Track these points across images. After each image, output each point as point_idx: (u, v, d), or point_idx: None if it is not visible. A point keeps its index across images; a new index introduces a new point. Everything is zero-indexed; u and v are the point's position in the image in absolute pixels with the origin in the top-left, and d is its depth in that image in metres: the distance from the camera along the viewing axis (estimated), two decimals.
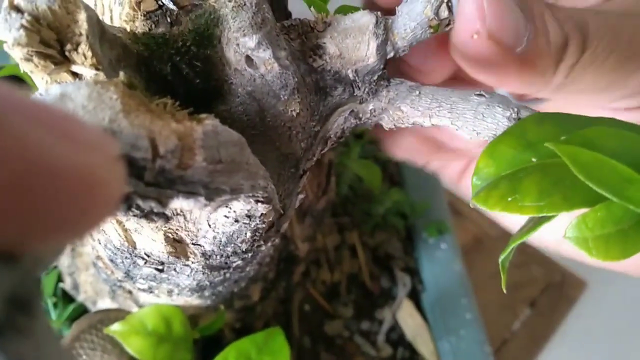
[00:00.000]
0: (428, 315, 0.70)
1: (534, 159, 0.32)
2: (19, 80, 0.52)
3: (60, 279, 0.59)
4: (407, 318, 0.69)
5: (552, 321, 1.04)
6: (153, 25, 0.35)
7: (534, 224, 0.33)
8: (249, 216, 0.31)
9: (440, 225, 0.75)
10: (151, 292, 0.42)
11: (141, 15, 0.35)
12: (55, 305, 0.58)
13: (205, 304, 0.48)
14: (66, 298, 0.59)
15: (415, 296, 0.72)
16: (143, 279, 0.40)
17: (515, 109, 0.34)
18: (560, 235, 0.29)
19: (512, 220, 0.55)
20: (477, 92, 0.36)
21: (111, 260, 0.39)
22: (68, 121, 0.14)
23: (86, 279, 0.56)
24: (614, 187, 0.27)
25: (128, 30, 0.34)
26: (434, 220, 0.76)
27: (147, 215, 0.28)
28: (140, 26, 0.35)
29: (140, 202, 0.24)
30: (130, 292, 0.48)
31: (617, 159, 0.28)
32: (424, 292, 0.72)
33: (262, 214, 0.31)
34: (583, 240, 0.28)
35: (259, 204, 0.30)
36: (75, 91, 0.23)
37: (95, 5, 0.38)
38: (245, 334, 0.49)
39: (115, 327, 0.46)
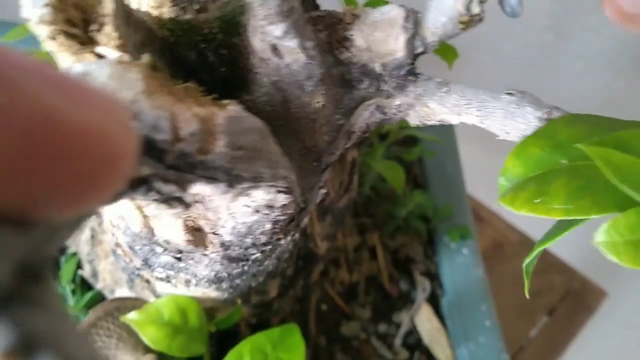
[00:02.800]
0: (446, 321, 0.69)
1: (563, 161, 0.31)
2: None
3: (79, 266, 0.59)
4: (425, 322, 0.68)
5: (570, 330, 1.02)
6: (180, 12, 0.35)
7: (561, 228, 0.32)
8: (269, 206, 0.30)
9: (462, 230, 0.74)
10: (169, 281, 0.42)
11: (169, 2, 0.35)
12: (73, 292, 0.58)
13: (222, 297, 0.47)
14: (84, 285, 0.59)
15: (434, 301, 0.71)
16: (161, 267, 0.40)
17: (547, 110, 0.33)
18: None
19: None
20: (508, 91, 0.35)
21: (130, 247, 0.39)
22: (84, 87, 0.14)
23: (105, 267, 0.56)
24: None
25: (155, 15, 0.34)
26: (457, 225, 0.75)
27: (167, 200, 0.28)
28: (167, 12, 0.35)
29: (160, 185, 0.24)
30: (148, 281, 0.48)
31: None
32: (444, 297, 0.71)
33: (282, 204, 0.30)
34: (613, 245, 0.27)
35: (280, 194, 0.29)
36: (98, 70, 0.23)
37: None
38: (261, 330, 0.48)
39: (132, 316, 0.46)
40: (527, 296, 0.34)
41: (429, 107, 0.36)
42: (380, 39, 0.35)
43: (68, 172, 0.12)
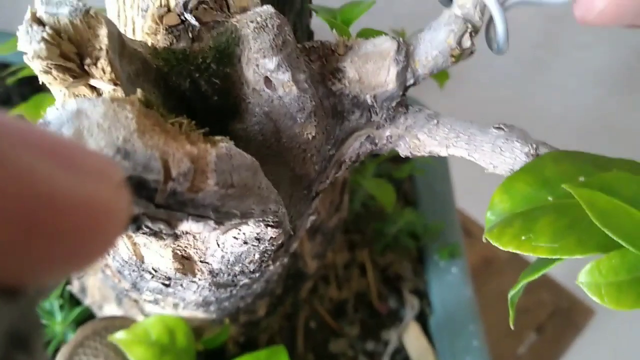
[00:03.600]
0: (434, 339, 0.69)
1: (550, 198, 0.31)
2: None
3: (68, 281, 0.59)
4: (413, 341, 0.69)
5: (557, 347, 1.03)
6: (174, 40, 0.35)
7: (545, 263, 0.33)
8: (258, 239, 0.31)
9: (452, 248, 0.74)
10: (157, 304, 0.42)
11: (163, 29, 0.35)
12: (61, 307, 0.58)
13: (210, 318, 0.47)
14: (73, 301, 0.59)
15: (422, 319, 0.71)
16: (149, 291, 0.40)
17: (534, 145, 0.34)
18: None
19: None
20: (496, 125, 0.35)
21: (119, 272, 0.39)
22: (71, 149, 0.14)
23: (94, 283, 0.56)
24: (630, 235, 0.27)
25: (149, 44, 0.34)
26: (447, 243, 0.75)
27: (156, 234, 0.28)
28: (161, 40, 0.35)
29: (149, 224, 0.24)
30: (136, 301, 0.48)
31: (635, 206, 0.28)
32: (432, 315, 0.71)
33: (271, 237, 0.31)
34: (595, 287, 0.28)
35: (269, 228, 0.30)
36: (92, 108, 0.23)
37: (119, 16, 0.38)
38: (249, 348, 0.48)
39: (119, 336, 0.46)
40: (512, 327, 0.35)
41: (419, 139, 0.36)
42: (372, 70, 0.35)
43: (61, 244, 0.12)
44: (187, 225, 0.25)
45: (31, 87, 0.68)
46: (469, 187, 0.89)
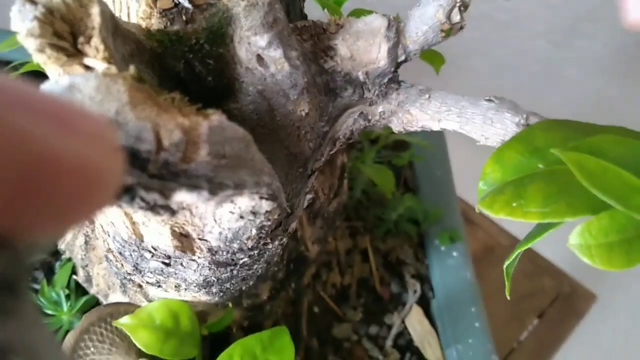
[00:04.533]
0: (437, 322, 0.70)
1: (540, 165, 0.32)
2: (42, 76, 0.53)
3: (73, 271, 0.60)
4: (416, 324, 0.69)
5: (560, 332, 1.03)
6: (168, 23, 0.36)
7: (539, 231, 0.33)
8: (253, 213, 0.31)
9: (452, 233, 0.75)
10: (159, 286, 0.43)
11: (157, 13, 0.35)
12: (68, 297, 0.58)
13: (213, 301, 0.48)
14: (79, 290, 0.60)
15: (424, 303, 0.72)
16: (151, 272, 0.40)
17: (524, 115, 0.34)
18: None
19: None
20: (487, 98, 0.36)
21: (120, 253, 0.40)
22: (68, 111, 0.14)
23: (99, 272, 0.56)
24: (618, 195, 0.27)
25: (143, 26, 0.35)
26: (447, 228, 0.76)
27: (153, 208, 0.28)
28: (155, 23, 0.36)
29: (143, 194, 0.25)
30: (140, 286, 0.48)
31: (623, 167, 0.28)
32: (434, 299, 0.72)
33: (266, 211, 0.31)
34: (586, 248, 0.28)
35: (264, 200, 0.30)
36: (84, 82, 0.24)
37: (113, 1, 0.38)
38: (253, 333, 0.49)
39: (124, 320, 0.46)
40: (508, 297, 0.35)
41: (411, 114, 0.37)
42: (363, 47, 0.36)
43: (54, 203, 0.13)
44: (181, 196, 0.25)
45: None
46: (469, 175, 0.89)
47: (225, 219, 0.32)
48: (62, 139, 0.13)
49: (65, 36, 0.28)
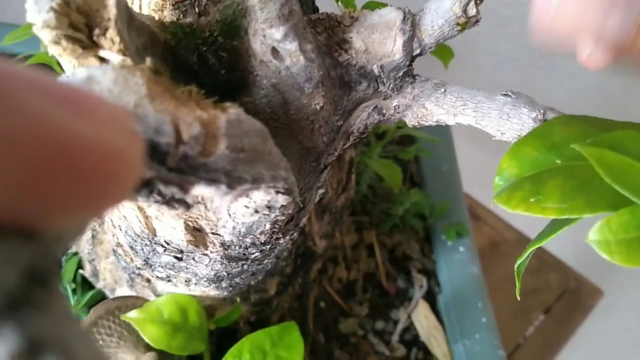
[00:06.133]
0: (443, 318, 0.70)
1: (558, 161, 0.32)
2: (47, 69, 0.52)
3: (80, 265, 0.60)
4: (422, 319, 0.69)
5: (566, 328, 1.03)
6: (181, 15, 0.35)
7: (553, 228, 0.33)
8: (268, 207, 0.31)
9: (459, 227, 0.74)
10: (169, 280, 0.43)
11: (170, 5, 0.35)
12: (74, 291, 0.58)
13: (222, 295, 0.48)
14: (85, 285, 0.60)
15: (431, 298, 0.72)
16: (162, 267, 0.40)
17: (542, 110, 0.34)
18: None
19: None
20: (504, 92, 0.35)
21: (131, 247, 0.40)
22: (86, 98, 0.14)
23: (106, 266, 0.56)
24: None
25: (156, 18, 0.34)
26: (453, 223, 0.75)
27: (169, 202, 0.28)
28: (168, 15, 0.35)
29: (162, 187, 0.24)
30: (148, 280, 0.48)
31: None
32: (440, 294, 0.72)
33: (282, 205, 0.31)
34: (605, 244, 0.28)
35: (279, 195, 0.30)
36: (102, 74, 0.24)
37: None
38: (260, 328, 0.49)
39: (132, 315, 0.46)
40: (518, 297, 0.35)
41: (426, 108, 0.36)
42: (378, 41, 0.35)
43: (76, 187, 0.13)
44: (200, 189, 0.25)
45: None
46: (475, 171, 0.89)
47: (240, 213, 0.32)
48: (80, 122, 0.13)
49: (81, 28, 0.27)
